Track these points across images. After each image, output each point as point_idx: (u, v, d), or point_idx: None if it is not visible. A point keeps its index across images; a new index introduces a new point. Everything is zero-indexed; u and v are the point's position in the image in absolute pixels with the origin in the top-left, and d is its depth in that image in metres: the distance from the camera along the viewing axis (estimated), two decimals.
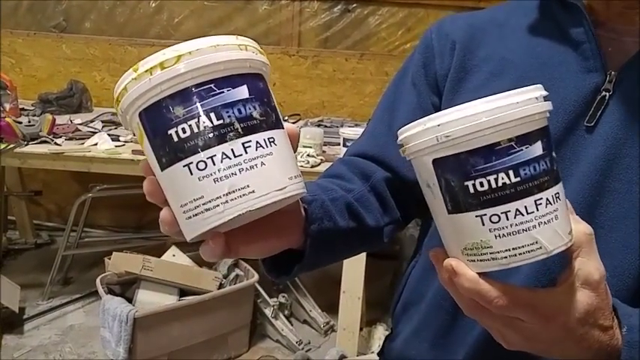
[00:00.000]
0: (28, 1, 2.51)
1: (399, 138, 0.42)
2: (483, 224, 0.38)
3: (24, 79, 2.50)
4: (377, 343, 1.83)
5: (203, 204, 0.34)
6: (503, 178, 0.37)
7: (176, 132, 0.34)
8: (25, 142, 1.61)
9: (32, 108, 2.16)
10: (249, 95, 0.35)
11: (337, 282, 1.64)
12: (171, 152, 0.34)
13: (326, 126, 2.21)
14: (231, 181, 0.34)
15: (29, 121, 1.76)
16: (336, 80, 2.55)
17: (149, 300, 1.63)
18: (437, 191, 0.40)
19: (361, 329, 1.77)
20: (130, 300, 1.64)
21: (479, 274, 0.39)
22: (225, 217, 0.34)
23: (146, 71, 0.33)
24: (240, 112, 0.34)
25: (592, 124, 0.54)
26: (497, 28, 0.62)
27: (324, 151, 1.79)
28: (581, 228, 0.41)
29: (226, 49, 0.34)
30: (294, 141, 0.40)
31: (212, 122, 0.34)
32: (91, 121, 2.04)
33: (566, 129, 0.55)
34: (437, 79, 0.64)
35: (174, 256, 1.80)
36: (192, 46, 0.34)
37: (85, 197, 2.05)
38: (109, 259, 1.72)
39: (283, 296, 1.97)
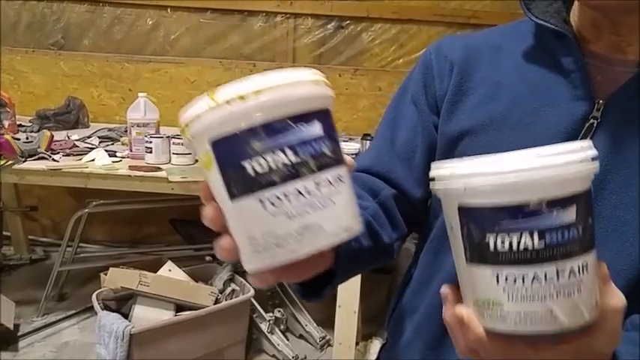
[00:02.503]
0: (27, 19, 2.54)
1: (431, 172, 0.41)
2: (498, 282, 0.37)
3: (22, 95, 2.52)
4: (373, 357, 1.83)
5: (274, 238, 0.34)
6: (526, 240, 0.35)
7: (251, 165, 0.34)
8: (23, 159, 1.62)
9: (30, 124, 2.18)
10: (322, 132, 0.35)
11: (333, 296, 1.65)
12: (244, 184, 0.34)
13: None
14: (304, 218, 0.34)
15: (27, 138, 1.77)
16: None
17: (145, 316, 1.63)
18: (458, 236, 0.39)
19: (357, 343, 1.77)
20: (126, 316, 1.64)
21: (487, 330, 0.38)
22: (295, 254, 0.34)
23: (226, 102, 0.33)
24: (314, 149, 0.35)
25: None
26: (493, 51, 0.64)
27: None
28: (613, 303, 0.39)
29: (304, 85, 0.35)
30: (351, 172, 0.41)
31: (289, 158, 0.34)
32: (88, 137, 2.05)
33: None
34: (436, 99, 0.65)
35: (170, 271, 1.80)
36: (272, 81, 0.34)
37: (82, 213, 2.05)
38: (105, 274, 1.72)
39: (279, 311, 1.97)
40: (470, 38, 0.68)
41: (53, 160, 1.67)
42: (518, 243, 0.35)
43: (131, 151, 1.78)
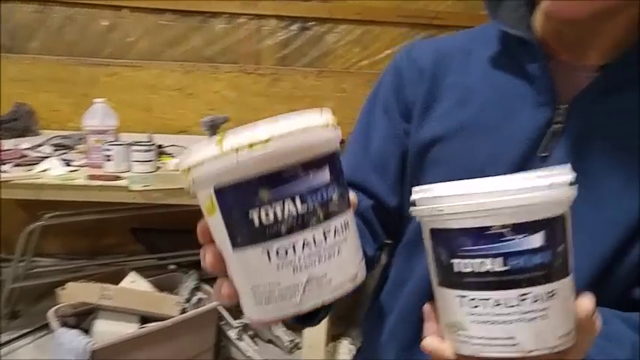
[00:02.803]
0: None
1: (412, 197, 0.41)
2: (462, 306, 0.37)
3: None
4: (342, 357, 1.83)
5: (279, 291, 0.33)
6: (487, 265, 0.36)
7: (258, 215, 0.32)
8: None
9: None
10: (330, 178, 0.34)
11: None
12: (249, 235, 0.33)
13: None
14: (311, 270, 0.33)
15: None
16: (295, 98, 2.56)
17: (108, 330, 1.56)
18: (431, 259, 0.39)
19: (326, 344, 1.76)
20: (86, 331, 1.56)
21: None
22: (301, 307, 0.33)
23: (233, 150, 0.32)
24: (322, 197, 0.34)
25: (546, 154, 0.58)
26: (462, 56, 0.65)
27: None
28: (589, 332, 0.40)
29: (313, 131, 0.34)
30: (354, 209, 0.40)
31: (297, 208, 0.33)
32: (40, 145, 1.94)
33: (522, 159, 0.58)
34: (407, 105, 0.66)
35: (133, 282, 1.74)
36: (282, 128, 0.32)
37: (35, 226, 1.94)
38: (62, 289, 1.63)
39: None
40: (440, 42, 0.69)
41: (2, 171, 1.57)
42: (480, 267, 0.36)
43: (89, 159, 1.70)
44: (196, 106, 2.52)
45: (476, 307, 0.36)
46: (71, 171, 1.63)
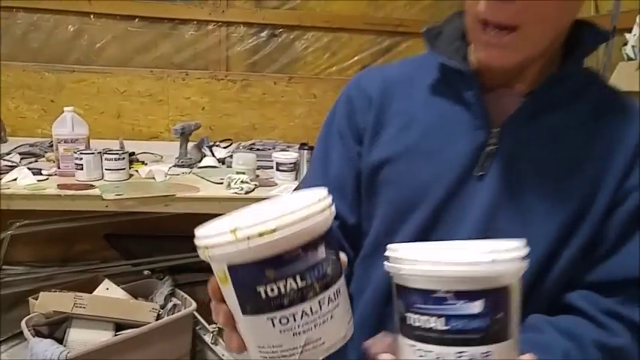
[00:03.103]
0: None
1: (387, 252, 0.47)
2: (411, 354, 0.43)
3: None
4: None
5: (281, 352, 0.39)
6: (431, 323, 0.41)
7: (264, 290, 0.38)
8: None
9: None
10: (325, 253, 0.40)
11: None
12: (256, 305, 0.39)
13: (259, 149, 2.24)
14: (308, 335, 0.39)
15: None
16: (266, 103, 2.60)
17: (82, 338, 1.57)
18: (394, 309, 0.46)
19: None
20: (60, 340, 1.57)
21: None
22: None
23: (245, 238, 0.37)
24: (318, 272, 0.39)
25: (482, 173, 0.64)
26: (406, 83, 0.71)
27: (257, 176, 1.82)
28: None
29: (313, 218, 0.39)
30: (344, 268, 0.45)
31: (297, 284, 0.38)
32: (8, 154, 1.92)
33: (460, 178, 0.64)
34: (359, 131, 0.71)
35: (107, 289, 1.75)
36: (287, 219, 0.38)
37: (4, 235, 1.93)
38: (35, 298, 1.64)
39: None
40: (387, 71, 0.74)
41: None
42: (426, 323, 0.41)
43: (59, 168, 1.70)
44: (167, 112, 2.54)
45: (421, 356, 0.41)
46: (41, 180, 1.63)
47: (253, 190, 1.68)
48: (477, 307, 0.40)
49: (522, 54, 0.58)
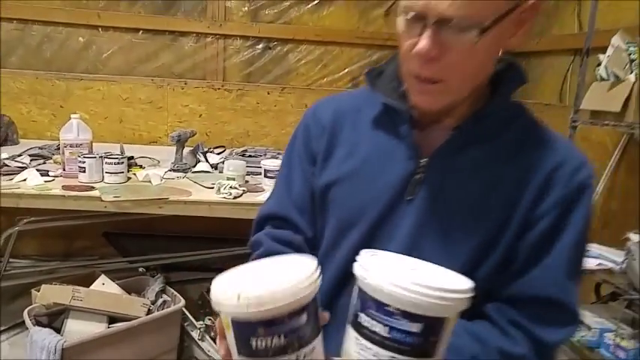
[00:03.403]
0: None
1: (359, 256, 0.57)
2: (355, 345, 0.53)
3: None
4: None
5: None
6: (377, 327, 0.50)
7: (255, 342, 0.50)
8: None
9: None
10: (306, 318, 0.51)
11: None
12: (248, 351, 0.51)
13: (250, 155, 2.34)
14: None
15: None
16: (260, 112, 2.74)
17: (78, 329, 1.69)
18: (352, 302, 0.56)
19: None
20: (58, 330, 1.68)
21: None
22: None
23: (246, 304, 0.48)
24: (299, 333, 0.51)
25: (410, 198, 0.72)
26: (354, 114, 0.80)
27: (247, 181, 1.90)
28: None
29: (302, 291, 0.50)
30: (324, 322, 0.56)
31: (280, 341, 0.50)
32: (19, 155, 2.07)
33: (393, 201, 0.73)
34: (313, 155, 0.82)
35: (103, 284, 1.86)
36: (279, 295, 0.48)
37: (12, 231, 2.06)
38: (37, 290, 1.76)
39: (209, 319, 2.05)
40: (339, 102, 0.84)
41: None
42: (373, 327, 0.51)
43: (64, 170, 1.83)
44: (166, 119, 2.68)
45: (361, 350, 0.51)
46: (48, 181, 1.76)
47: (241, 195, 1.77)
48: (415, 327, 0.49)
49: (447, 99, 0.69)
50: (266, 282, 0.50)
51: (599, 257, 1.64)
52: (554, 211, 0.68)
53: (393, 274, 0.50)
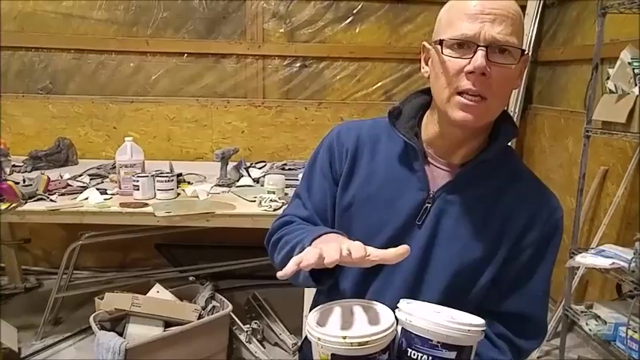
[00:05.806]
0: (16, 67, 2.74)
1: (400, 304, 0.75)
2: None
3: (13, 137, 2.71)
4: None
5: None
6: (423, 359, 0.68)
7: None
8: (24, 201, 1.83)
9: (22, 164, 2.36)
10: (388, 354, 0.67)
11: (302, 307, 1.88)
12: None
13: (290, 168, 2.43)
14: None
15: (24, 181, 1.96)
16: (298, 126, 2.86)
17: (138, 332, 1.82)
18: (396, 343, 0.72)
19: None
20: (120, 334, 1.82)
21: None
22: None
23: (351, 344, 0.63)
24: None
25: (420, 223, 0.85)
26: (374, 145, 0.91)
27: (286, 194, 1.99)
28: None
29: (390, 335, 0.66)
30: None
31: None
32: (80, 175, 2.25)
33: (404, 225, 0.85)
34: (336, 173, 0.92)
35: (158, 292, 1.98)
36: (377, 337, 0.64)
37: (76, 245, 2.23)
38: (100, 298, 1.90)
39: (255, 322, 2.18)
40: (360, 129, 0.93)
41: (51, 200, 1.87)
42: (419, 358, 0.67)
43: (120, 188, 1.99)
44: (211, 136, 2.84)
45: None
46: (106, 199, 1.92)
47: (281, 207, 1.87)
48: (452, 354, 0.66)
49: (484, 119, 0.80)
50: (364, 328, 0.66)
51: (613, 257, 1.70)
52: (535, 245, 0.84)
53: (431, 317, 0.67)
